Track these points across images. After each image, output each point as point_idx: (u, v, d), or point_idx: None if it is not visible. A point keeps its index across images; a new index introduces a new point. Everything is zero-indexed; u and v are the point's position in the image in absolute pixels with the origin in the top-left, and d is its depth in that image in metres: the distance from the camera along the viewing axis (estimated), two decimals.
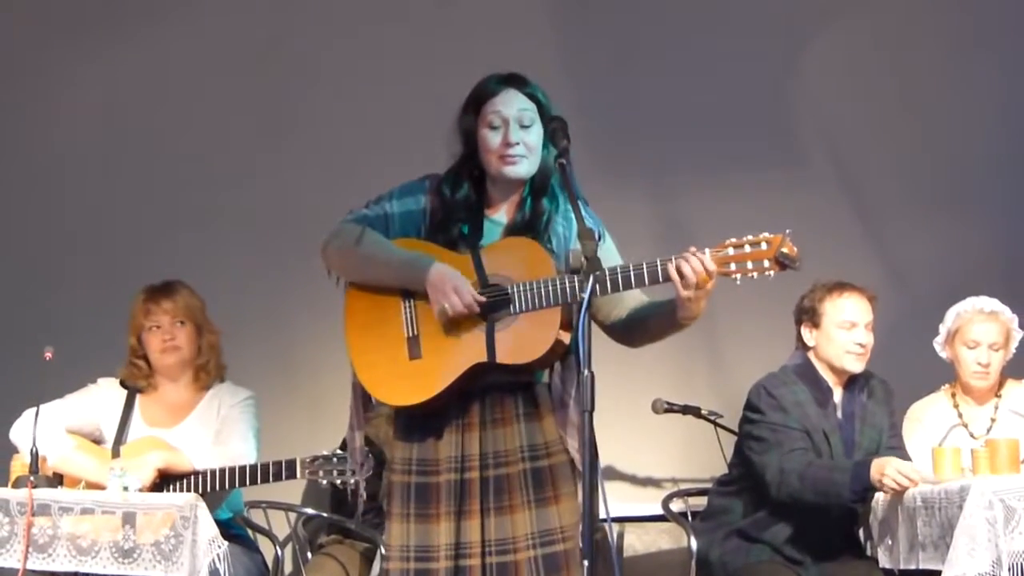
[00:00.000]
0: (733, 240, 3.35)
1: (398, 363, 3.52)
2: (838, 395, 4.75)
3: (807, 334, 4.77)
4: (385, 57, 6.11)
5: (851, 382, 4.75)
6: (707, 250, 3.36)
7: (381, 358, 3.54)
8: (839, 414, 4.72)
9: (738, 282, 3.35)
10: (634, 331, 3.58)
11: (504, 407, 3.51)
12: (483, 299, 3.45)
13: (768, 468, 4.56)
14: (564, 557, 3.43)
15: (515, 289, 3.45)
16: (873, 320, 4.76)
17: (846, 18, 6.22)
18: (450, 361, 3.47)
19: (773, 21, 6.18)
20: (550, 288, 3.40)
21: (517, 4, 6.18)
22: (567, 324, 3.44)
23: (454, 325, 3.48)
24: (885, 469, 4.32)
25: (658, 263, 3.37)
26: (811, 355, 4.77)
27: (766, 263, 3.32)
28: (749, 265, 3.33)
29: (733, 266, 3.34)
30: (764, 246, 3.33)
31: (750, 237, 3.34)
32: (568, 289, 3.40)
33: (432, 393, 3.47)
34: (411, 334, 3.52)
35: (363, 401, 3.63)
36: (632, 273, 3.38)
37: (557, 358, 3.49)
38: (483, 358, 3.45)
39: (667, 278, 3.37)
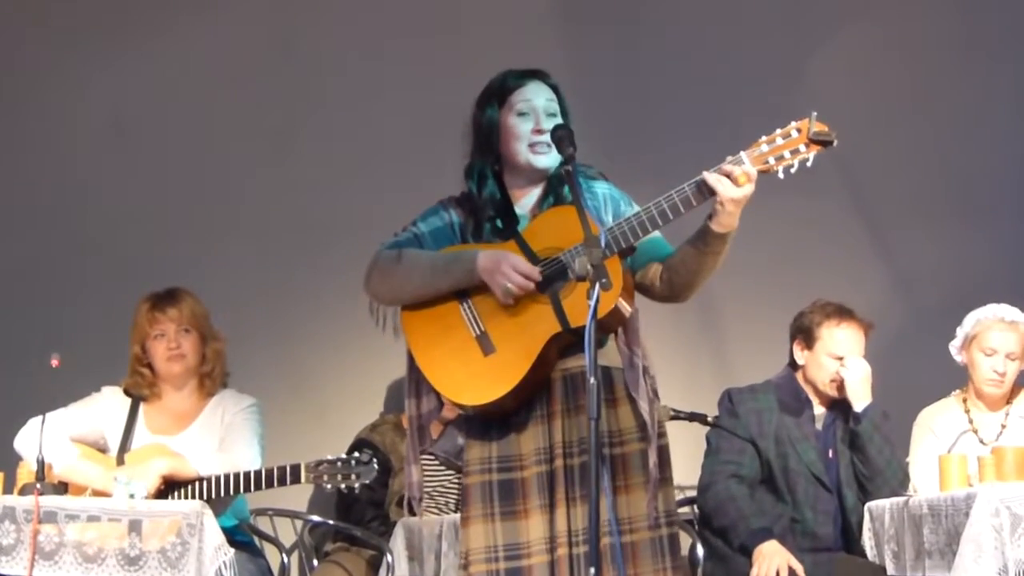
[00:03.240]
0: (764, 137, 3.38)
1: (475, 363, 3.50)
2: (820, 409, 4.83)
3: (798, 352, 4.85)
4: (393, 65, 6.12)
5: (840, 403, 4.78)
6: (742, 153, 3.37)
7: (456, 365, 3.52)
8: (817, 425, 4.80)
9: (780, 175, 3.36)
10: (678, 273, 3.53)
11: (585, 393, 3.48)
12: (539, 269, 3.45)
13: (703, 472, 4.78)
14: (631, 549, 3.43)
15: (568, 255, 3.45)
16: (865, 349, 4.81)
17: (855, 22, 6.22)
18: (526, 343, 3.45)
19: (781, 25, 6.19)
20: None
21: (522, 11, 6.19)
22: (630, 293, 3.45)
23: (519, 309, 3.47)
24: (761, 565, 4.47)
25: (694, 181, 3.38)
26: (799, 374, 4.86)
27: (802, 148, 3.35)
28: (787, 155, 3.36)
29: (771, 160, 3.36)
30: (795, 133, 3.36)
31: (779, 130, 3.37)
32: (620, 236, 3.42)
33: (519, 377, 3.44)
34: (478, 332, 3.51)
35: (419, 435, 3.63)
36: (677, 197, 3.39)
37: (620, 324, 3.48)
38: (557, 329, 3.42)
39: (711, 192, 3.37)
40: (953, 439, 4.81)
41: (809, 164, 3.35)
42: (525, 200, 3.64)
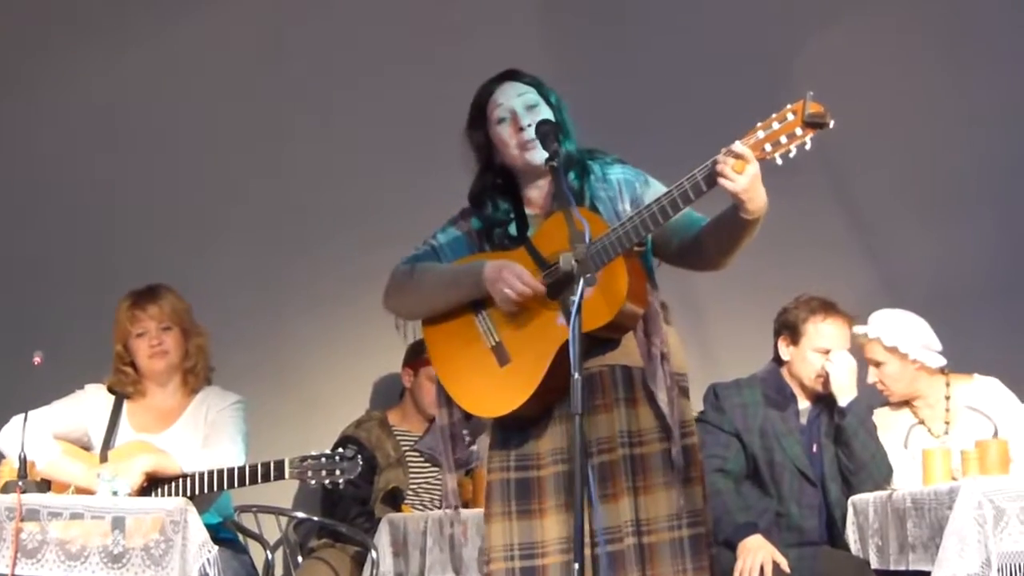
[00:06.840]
0: (760, 123, 3.33)
1: (492, 375, 3.51)
2: (805, 403, 4.84)
3: (783, 348, 4.85)
4: (385, 60, 6.11)
5: (825, 397, 4.79)
6: (737, 142, 3.33)
7: (474, 378, 3.53)
8: (802, 420, 4.81)
9: (779, 162, 3.31)
10: (707, 245, 3.51)
11: (605, 392, 3.48)
12: (540, 285, 3.44)
13: None
14: (648, 550, 3.43)
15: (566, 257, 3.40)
16: (850, 345, 4.82)
17: (842, 20, 6.22)
18: (539, 351, 3.44)
19: (769, 23, 6.18)
20: (606, 243, 3.38)
21: (515, 6, 6.19)
22: (640, 293, 3.43)
23: (531, 317, 3.48)
24: (746, 559, 4.46)
25: (696, 173, 3.34)
26: (784, 369, 4.86)
27: (798, 131, 3.28)
28: (783, 140, 3.29)
29: (768, 147, 3.31)
30: (791, 116, 3.30)
31: (775, 114, 3.32)
32: (624, 235, 3.38)
33: (535, 384, 3.44)
34: (493, 343, 3.53)
35: (452, 443, 3.63)
36: (676, 193, 3.35)
37: (635, 322, 3.47)
38: (568, 335, 3.39)
39: (711, 183, 3.32)
40: (904, 434, 4.87)
41: (808, 148, 3.30)
42: (538, 198, 3.62)
